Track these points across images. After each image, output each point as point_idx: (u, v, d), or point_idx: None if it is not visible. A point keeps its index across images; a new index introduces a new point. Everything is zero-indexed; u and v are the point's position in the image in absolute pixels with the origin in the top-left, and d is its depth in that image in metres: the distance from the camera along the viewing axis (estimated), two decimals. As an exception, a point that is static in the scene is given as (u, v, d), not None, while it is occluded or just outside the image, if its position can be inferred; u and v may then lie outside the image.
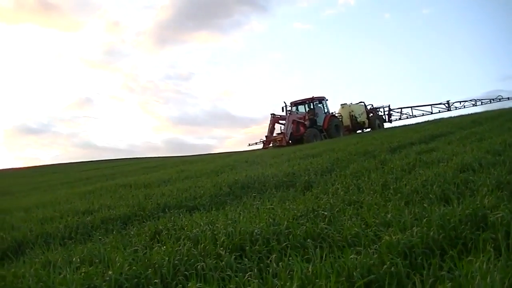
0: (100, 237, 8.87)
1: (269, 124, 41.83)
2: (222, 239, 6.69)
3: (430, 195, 8.17)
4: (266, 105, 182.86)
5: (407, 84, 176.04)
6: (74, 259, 7.01)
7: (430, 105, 55.95)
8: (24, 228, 10.63)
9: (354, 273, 4.83)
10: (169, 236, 7.67)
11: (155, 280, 5.49)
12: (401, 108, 55.21)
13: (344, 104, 50.12)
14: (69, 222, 10.65)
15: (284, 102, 43.85)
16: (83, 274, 5.98)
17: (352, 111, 48.76)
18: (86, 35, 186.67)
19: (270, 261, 5.64)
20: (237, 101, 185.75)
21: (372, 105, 51.51)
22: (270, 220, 7.47)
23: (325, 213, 7.66)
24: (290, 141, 40.20)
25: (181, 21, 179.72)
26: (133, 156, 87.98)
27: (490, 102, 59.48)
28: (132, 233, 8.70)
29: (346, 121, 47.98)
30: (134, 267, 5.93)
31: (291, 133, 40.89)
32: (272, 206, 9.01)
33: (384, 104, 54.19)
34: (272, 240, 6.45)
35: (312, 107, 44.56)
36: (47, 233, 9.91)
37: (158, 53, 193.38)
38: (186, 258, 6.12)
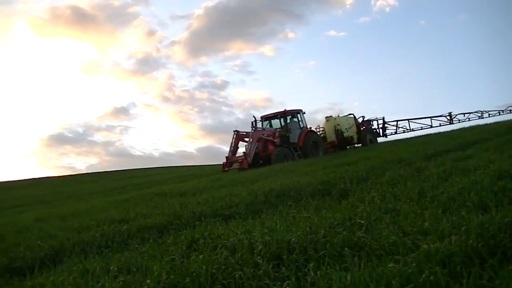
0: (136, 246, 8.89)
1: (231, 143, 36.07)
2: (259, 247, 6.67)
3: (468, 203, 8.08)
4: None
5: (441, 92, 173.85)
6: (111, 267, 7.01)
7: (430, 117, 49.67)
8: (61, 237, 10.69)
9: (393, 282, 4.80)
10: (206, 245, 7.65)
11: (194, 289, 5.48)
12: (396, 121, 48.91)
13: (329, 116, 44.09)
14: (105, 230, 10.68)
15: (254, 117, 37.96)
16: (121, 282, 6.01)
17: (338, 124, 42.56)
18: (122, 44, 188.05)
19: (308, 270, 5.62)
20: (272, 110, 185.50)
21: (363, 117, 45.79)
22: (307, 228, 7.43)
23: (362, 221, 7.60)
24: (249, 163, 33.42)
25: (215, 30, 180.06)
26: (167, 165, 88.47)
27: (499, 114, 53.53)
28: (168, 241, 8.67)
29: (331, 136, 42.45)
30: (172, 276, 5.92)
31: (257, 153, 35.18)
32: (309, 215, 8.97)
33: (378, 116, 48.24)
34: (309, 248, 6.43)
35: (284, 122, 38.23)
36: (84, 241, 9.95)
37: (193, 62, 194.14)
38: (224, 266, 6.08)
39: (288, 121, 38.23)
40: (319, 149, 37.69)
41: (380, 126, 47.28)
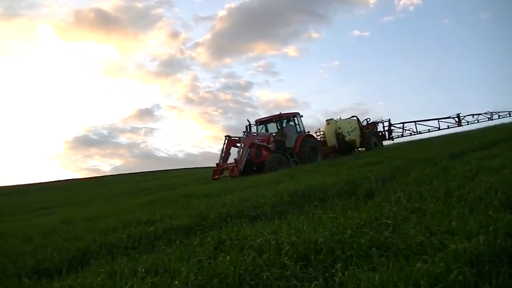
0: (163, 247, 8.92)
1: (222, 149, 33.13)
2: (287, 248, 6.68)
3: (495, 202, 8.03)
4: (325, 113, 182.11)
5: (469, 91, 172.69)
6: (139, 269, 7.04)
7: (437, 119, 46.66)
8: (87, 238, 10.76)
9: (422, 282, 4.80)
10: (233, 246, 7.67)
11: (221, 290, 5.49)
12: (403, 123, 45.80)
13: (330, 119, 41.59)
14: (132, 232, 10.74)
15: (248, 121, 35.97)
16: (149, 284, 6.04)
17: (339, 127, 40.12)
18: (145, 47, 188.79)
19: (336, 270, 5.63)
20: (296, 110, 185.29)
21: (367, 120, 43.25)
22: (334, 229, 7.44)
23: (389, 221, 7.59)
24: (241, 171, 30.90)
25: (239, 31, 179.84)
26: (192, 166, 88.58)
27: (510, 115, 51.09)
28: (195, 243, 8.70)
29: (331, 141, 40.10)
30: (199, 277, 5.95)
31: (249, 159, 32.68)
32: (335, 215, 8.97)
33: (384, 119, 45.06)
34: (337, 249, 6.42)
35: (280, 126, 35.41)
36: (111, 243, 10.00)
37: (216, 64, 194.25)
38: (251, 267, 6.11)
39: (284, 125, 35.83)
40: (317, 155, 35.56)
41: (386, 128, 44.68)
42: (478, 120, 48.83)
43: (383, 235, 6.75)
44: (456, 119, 46.80)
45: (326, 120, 41.59)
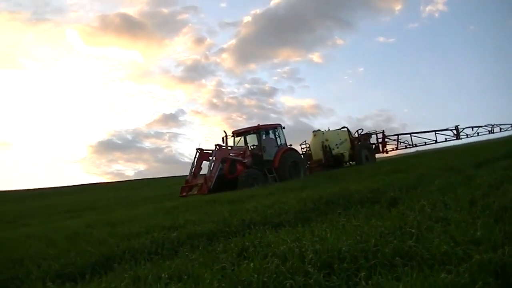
0: (186, 253, 8.89)
1: (193, 163, 30.37)
2: (310, 256, 6.64)
3: (521, 212, 8.00)
4: (350, 120, 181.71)
5: (498, 98, 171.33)
6: (162, 275, 7.05)
7: (434, 131, 44.22)
8: (111, 243, 10.78)
9: (446, 292, 4.78)
10: (256, 253, 7.63)
11: (245, 297, 5.48)
12: (397, 135, 43.69)
13: (317, 131, 39.51)
14: (155, 237, 10.74)
15: (224, 132, 33.07)
16: (173, 290, 6.05)
17: (327, 140, 37.96)
18: (170, 52, 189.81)
19: (359, 279, 5.61)
20: (321, 117, 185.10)
21: (358, 132, 41.09)
22: (357, 237, 7.41)
23: (413, 230, 7.54)
24: (210, 188, 28.22)
25: (264, 37, 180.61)
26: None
27: None
28: (218, 249, 8.69)
29: (318, 154, 38.11)
30: (223, 284, 5.96)
31: (222, 175, 30.31)
32: (359, 223, 8.93)
33: (378, 130, 42.86)
34: (360, 257, 6.40)
35: (258, 138, 33.03)
36: (134, 248, 9.99)
37: (241, 69, 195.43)
38: (275, 275, 6.09)
39: (264, 137, 33.19)
40: (300, 170, 32.81)
41: (380, 141, 42.54)
42: (478, 133, 46.64)
43: (407, 244, 6.70)
44: (455, 131, 44.70)
45: (313, 132, 39.87)
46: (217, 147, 30.26)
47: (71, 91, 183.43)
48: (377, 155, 41.77)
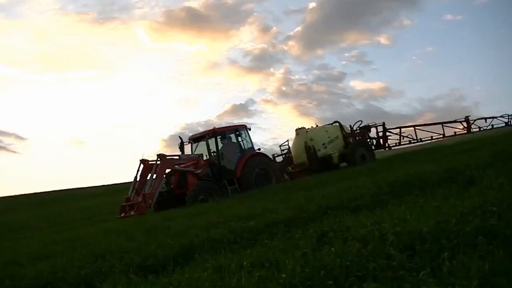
0: (266, 241, 8.99)
1: (135, 177, 25.82)
2: (391, 238, 6.64)
3: None
4: (420, 101, 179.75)
5: None
6: (244, 263, 7.14)
7: (441, 123, 38.03)
8: (190, 234, 10.95)
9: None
10: (336, 238, 7.65)
11: (329, 282, 5.50)
12: (400, 128, 36.86)
13: (300, 128, 34.03)
14: (233, 227, 10.91)
15: (180, 138, 28.96)
16: (256, 277, 6.09)
17: (311, 139, 32.54)
18: (237, 42, 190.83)
19: (443, 259, 5.55)
20: (391, 98, 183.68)
21: (354, 125, 35.31)
22: (437, 217, 7.34)
23: (494, 208, 7.43)
24: (150, 206, 24.43)
25: (330, 22, 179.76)
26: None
27: None
28: (297, 236, 8.72)
29: (300, 156, 32.89)
30: (306, 270, 5.98)
31: (171, 189, 26.37)
32: (437, 204, 8.83)
33: (377, 122, 36.58)
34: (442, 238, 6.34)
35: (215, 144, 28.08)
36: (213, 238, 10.16)
37: (309, 56, 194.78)
38: (357, 259, 6.08)
39: (220, 142, 28.49)
40: (270, 178, 28.04)
41: (381, 135, 36.50)
42: (492, 125, 39.29)
43: (489, 223, 6.61)
44: (465, 123, 38.37)
45: (296, 130, 34.43)
46: (159, 158, 25.74)
47: (141, 87, 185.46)
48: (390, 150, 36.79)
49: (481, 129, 38.80)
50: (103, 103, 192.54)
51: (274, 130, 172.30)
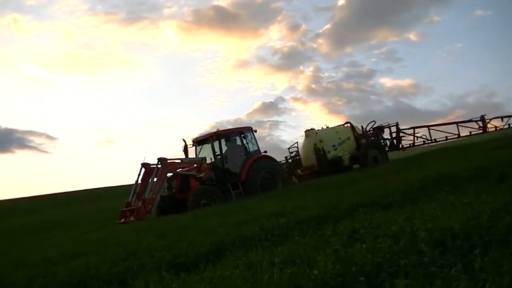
0: (296, 238, 9.04)
1: (136, 181, 24.77)
2: (422, 235, 6.65)
3: None
4: (451, 98, 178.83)
5: None
6: (275, 260, 7.17)
7: (456, 123, 35.99)
8: (220, 232, 10.99)
9: None
10: (367, 234, 7.67)
11: (360, 278, 5.52)
12: (414, 128, 34.70)
13: (310, 130, 32.61)
14: (264, 224, 10.94)
15: (184, 141, 27.27)
16: (288, 274, 6.11)
17: (321, 141, 30.97)
18: (266, 41, 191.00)
19: (475, 256, 5.54)
20: (421, 95, 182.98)
21: (372, 124, 33.46)
22: (468, 214, 7.32)
23: (526, 204, 7.41)
24: (150, 211, 23.26)
25: (358, 20, 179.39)
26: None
27: None
28: (328, 233, 8.73)
29: (309, 159, 31.45)
30: (337, 266, 6.00)
31: (172, 194, 24.97)
32: (468, 200, 8.81)
33: (391, 122, 34.36)
34: (473, 234, 6.33)
35: (219, 147, 26.43)
36: (244, 236, 10.18)
37: (338, 53, 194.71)
38: (388, 255, 6.10)
39: (224, 146, 26.79)
40: (277, 182, 26.57)
41: (394, 135, 34.21)
42: (509, 124, 36.98)
43: (521, 219, 6.59)
44: (480, 123, 36.13)
45: (305, 131, 33.05)
46: (160, 161, 24.69)
47: (170, 86, 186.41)
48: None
49: (497, 128, 36.78)
50: (132, 102, 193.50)
51: (303, 128, 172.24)
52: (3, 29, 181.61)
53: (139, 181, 24.41)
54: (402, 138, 34.18)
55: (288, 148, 33.77)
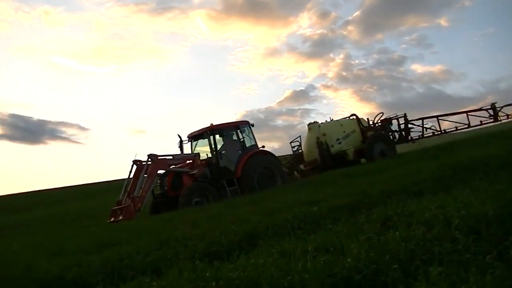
0: (330, 226, 9.07)
1: (128, 178, 23.95)
2: (456, 222, 6.64)
3: None
4: (483, 83, 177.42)
5: None
6: (309, 247, 7.18)
7: (466, 112, 33.12)
8: (253, 220, 11.01)
9: None
10: (400, 222, 7.68)
11: (394, 266, 5.53)
12: (422, 119, 32.58)
13: (313, 123, 31.27)
14: (296, 212, 10.94)
15: (179, 136, 26.40)
16: (322, 262, 6.14)
17: (324, 134, 29.58)
18: (296, 28, 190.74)
19: (510, 243, 5.54)
20: (452, 81, 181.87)
21: (379, 116, 31.97)
22: (502, 201, 7.30)
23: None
24: (139, 210, 22.37)
25: (388, 6, 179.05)
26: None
27: None
28: (361, 220, 8.74)
29: (312, 153, 30.13)
30: (371, 254, 6.00)
31: (165, 191, 24.40)
32: (501, 187, 8.77)
33: (399, 114, 32.36)
34: (508, 221, 6.32)
35: (213, 142, 25.28)
36: (277, 224, 10.19)
37: (368, 40, 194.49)
38: (422, 242, 6.09)
39: (215, 142, 25.56)
40: (275, 178, 25.46)
41: (402, 127, 32.13)
42: None
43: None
44: (491, 111, 32.96)
45: (308, 125, 31.73)
46: (150, 158, 23.73)
47: (200, 76, 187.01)
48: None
49: (510, 116, 33.20)
50: (163, 92, 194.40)
51: (335, 115, 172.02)
52: (35, 21, 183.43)
53: (131, 179, 23.70)
54: (411, 130, 32.23)
55: (290, 142, 32.71)
